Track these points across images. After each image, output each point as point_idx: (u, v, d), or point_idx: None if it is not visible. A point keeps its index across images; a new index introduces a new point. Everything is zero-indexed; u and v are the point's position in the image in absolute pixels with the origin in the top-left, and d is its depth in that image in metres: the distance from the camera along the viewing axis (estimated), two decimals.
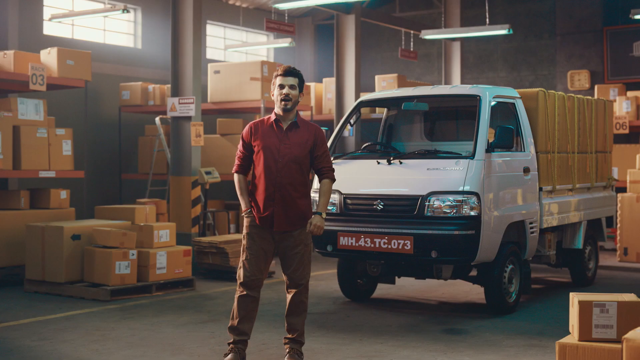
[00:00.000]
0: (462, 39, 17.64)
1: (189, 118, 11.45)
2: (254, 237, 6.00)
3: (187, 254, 9.95)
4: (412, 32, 17.61)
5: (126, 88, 14.49)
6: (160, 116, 13.52)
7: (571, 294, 4.86)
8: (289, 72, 5.96)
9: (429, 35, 14.64)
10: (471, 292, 9.65)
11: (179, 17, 11.50)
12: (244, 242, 6.05)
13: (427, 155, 8.29)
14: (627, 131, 14.37)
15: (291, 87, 5.95)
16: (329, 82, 15.95)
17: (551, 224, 9.10)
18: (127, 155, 15.11)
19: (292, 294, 6.03)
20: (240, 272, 6.02)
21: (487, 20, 14.59)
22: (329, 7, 14.12)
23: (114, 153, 14.91)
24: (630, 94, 14.95)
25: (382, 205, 8.07)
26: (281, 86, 5.96)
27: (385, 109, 10.07)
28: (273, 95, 6.08)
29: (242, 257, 6.04)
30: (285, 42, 15.15)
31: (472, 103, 8.67)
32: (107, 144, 14.91)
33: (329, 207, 8.40)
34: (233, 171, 6.17)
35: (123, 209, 10.30)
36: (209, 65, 13.58)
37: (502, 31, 13.84)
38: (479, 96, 8.31)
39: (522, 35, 18.52)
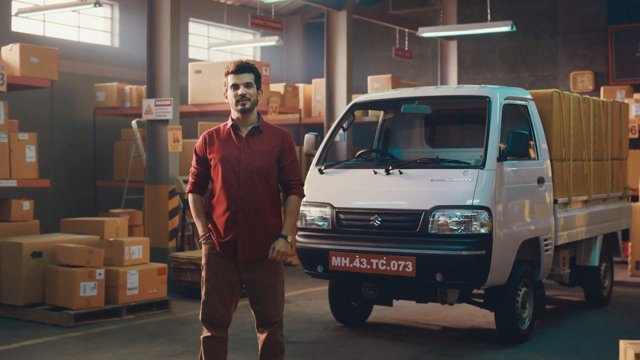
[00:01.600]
0: (459, 39, 16.73)
1: (166, 121, 10.48)
2: (214, 267, 5.04)
3: (162, 272, 8.98)
4: (406, 30, 16.68)
5: (101, 89, 13.49)
6: (137, 119, 12.52)
7: (622, 343, 3.91)
8: (242, 67, 5.00)
9: (427, 32, 13.69)
10: (477, 314, 8.70)
11: (156, 11, 10.54)
12: (202, 273, 5.10)
13: (431, 165, 7.35)
14: (636, 135, 13.49)
15: (247, 85, 4.99)
16: (319, 83, 15.02)
17: (566, 240, 8.18)
18: (103, 161, 14.10)
19: (264, 335, 5.03)
20: (201, 309, 5.07)
21: (489, 16, 13.65)
22: (319, 3, 13.17)
23: (88, 159, 13.90)
24: (637, 96, 14.06)
25: (379, 221, 7.12)
26: (235, 86, 5.00)
27: (382, 112, 9.10)
28: (226, 97, 5.11)
29: (202, 291, 5.08)
30: (272, 41, 14.18)
31: (480, 105, 7.75)
32: (80, 149, 13.90)
33: (319, 223, 7.46)
34: (186, 191, 5.23)
35: (91, 222, 9.30)
36: (190, 64, 12.61)
37: (504, 28, 12.91)
38: (489, 97, 7.38)
39: (522, 35, 17.63)
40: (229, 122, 5.09)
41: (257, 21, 12.69)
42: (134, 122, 12.49)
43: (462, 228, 6.81)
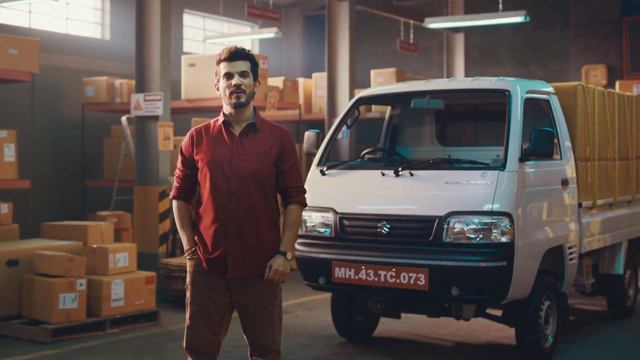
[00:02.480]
0: (466, 31, 16.00)
1: (156, 118, 9.74)
2: (200, 286, 4.33)
3: (150, 281, 8.28)
4: (411, 22, 15.94)
5: (90, 84, 12.75)
6: (127, 115, 11.78)
7: None
8: (237, 54, 4.27)
9: (434, 23, 12.93)
10: (492, 327, 7.99)
11: (144, 2, 9.79)
12: (187, 293, 4.39)
13: (445, 166, 6.63)
14: None
15: (242, 74, 4.27)
16: (320, 78, 14.29)
17: (591, 247, 7.47)
18: (92, 160, 13.37)
19: None
20: (185, 335, 4.37)
21: (501, 5, 12.90)
22: None
23: (76, 157, 13.17)
24: None
25: (388, 228, 6.41)
26: (228, 75, 4.27)
27: (389, 108, 8.37)
28: (218, 88, 4.39)
29: (187, 315, 4.37)
30: (270, 33, 13.44)
31: (498, 100, 7.05)
32: (68, 147, 13.17)
33: (321, 230, 6.75)
34: (170, 197, 4.51)
35: (73, 227, 8.60)
36: (183, 57, 11.88)
37: (517, 18, 12.15)
38: (509, 91, 6.66)
39: (531, 27, 16.90)
40: (220, 118, 4.38)
41: (255, 11, 11.96)
42: (124, 119, 11.76)
43: (481, 236, 6.10)
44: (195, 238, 4.37)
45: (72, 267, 7.66)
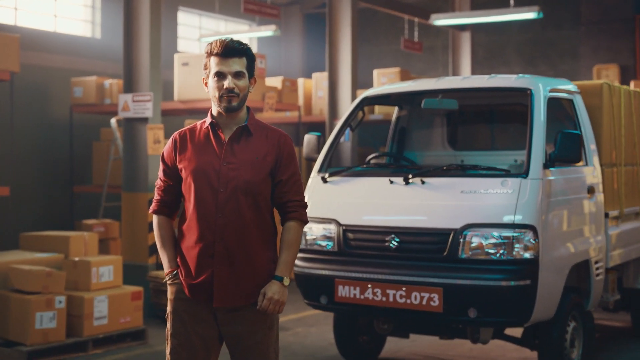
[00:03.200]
0: (472, 30, 15.36)
1: (145, 119, 9.09)
2: (182, 317, 3.69)
3: (137, 296, 7.63)
4: (416, 19, 15.28)
5: (78, 84, 12.09)
6: (117, 117, 11.12)
7: None
8: (232, 49, 3.60)
9: (440, 20, 12.27)
10: (508, 346, 7.33)
11: None
12: (167, 324, 3.77)
13: (460, 172, 5.98)
14: None
15: (236, 75, 3.61)
16: (320, 78, 13.63)
17: (618, 262, 6.84)
18: (81, 164, 12.70)
19: None
20: None
21: (512, 1, 12.23)
22: None
23: (64, 161, 12.51)
24: None
25: (397, 242, 5.77)
26: (220, 74, 3.61)
27: (396, 108, 7.72)
28: (206, 84, 3.73)
29: (167, 349, 3.74)
30: (269, 30, 12.80)
31: (518, 99, 6.44)
32: (56, 151, 12.51)
33: (322, 244, 6.10)
34: (150, 211, 3.86)
35: (54, 238, 7.94)
36: (176, 55, 11.23)
37: (530, 14, 11.51)
38: (531, 90, 6.02)
39: (540, 25, 16.25)
40: (208, 120, 3.72)
41: (252, 7, 11.30)
42: (113, 121, 11.11)
43: (501, 252, 5.46)
44: (178, 259, 3.74)
45: (51, 283, 7.02)
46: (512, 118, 7.41)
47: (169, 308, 3.76)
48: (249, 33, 13.88)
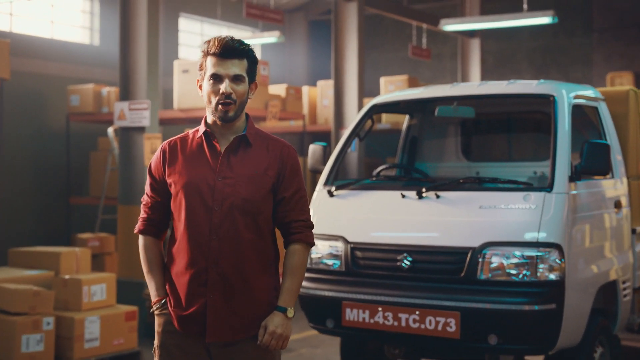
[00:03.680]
0: (481, 36, 14.93)
1: (142, 129, 8.65)
2: (171, 352, 3.27)
3: (131, 316, 7.19)
4: (424, 26, 14.85)
5: (75, 92, 11.67)
6: (114, 126, 10.70)
7: None
8: (232, 50, 3.16)
9: (450, 25, 11.83)
10: None
11: None
12: (155, 359, 3.33)
13: (479, 186, 5.53)
14: None
15: (235, 79, 3.17)
16: (326, 86, 13.20)
17: None
18: (77, 175, 12.28)
19: None
20: None
21: (525, 5, 11.80)
22: None
23: (60, 172, 12.09)
24: None
25: (409, 261, 5.31)
26: (216, 77, 3.17)
27: (407, 117, 7.27)
28: (201, 87, 3.29)
29: None
30: (272, 37, 12.40)
31: (538, 107, 6.00)
32: (52, 161, 12.09)
33: (328, 262, 5.65)
34: (136, 231, 3.42)
35: (44, 254, 7.51)
36: (175, 62, 10.81)
37: (544, 19, 11.06)
38: (554, 96, 5.57)
39: (551, 32, 15.83)
40: (201, 128, 3.29)
41: (254, 11, 10.88)
42: (110, 130, 10.69)
43: (524, 273, 5.01)
44: (167, 287, 3.29)
45: (38, 303, 6.57)
46: (531, 127, 6.97)
47: (156, 342, 3.34)
48: (252, 39, 13.46)
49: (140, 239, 3.38)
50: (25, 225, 11.58)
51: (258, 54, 16.61)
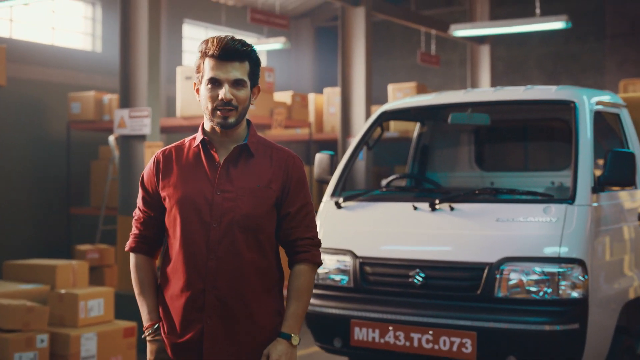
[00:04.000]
0: (491, 43, 14.63)
1: (142, 137, 8.37)
2: None
3: (130, 333, 6.89)
4: (433, 31, 14.56)
5: (76, 99, 11.41)
6: (115, 134, 10.42)
7: None
8: (232, 51, 2.85)
9: (460, 31, 11.53)
10: None
11: (130, 3, 8.45)
12: None
13: (495, 197, 5.22)
14: None
15: (235, 83, 2.87)
16: (332, 93, 12.92)
17: None
18: (78, 185, 12.01)
19: None
20: None
21: (538, 10, 11.50)
22: None
23: (61, 181, 11.82)
24: None
25: (422, 277, 5.01)
26: (215, 82, 2.87)
27: (418, 124, 6.97)
28: (198, 91, 2.99)
29: None
30: (278, 43, 12.12)
31: (556, 113, 5.70)
32: (52, 170, 11.83)
33: (336, 278, 5.35)
34: (126, 249, 3.12)
35: (39, 267, 7.21)
36: (178, 68, 10.54)
37: (557, 24, 10.77)
38: (575, 102, 5.27)
39: (562, 38, 15.52)
40: (198, 136, 2.99)
41: (259, 16, 10.61)
42: (111, 138, 10.43)
43: (545, 290, 4.71)
44: (160, 310, 3.00)
45: (32, 319, 6.27)
46: (548, 135, 6.68)
47: None
48: (257, 45, 13.19)
49: (132, 258, 3.10)
50: (24, 236, 11.32)
51: (263, 61, 16.32)
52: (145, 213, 3.06)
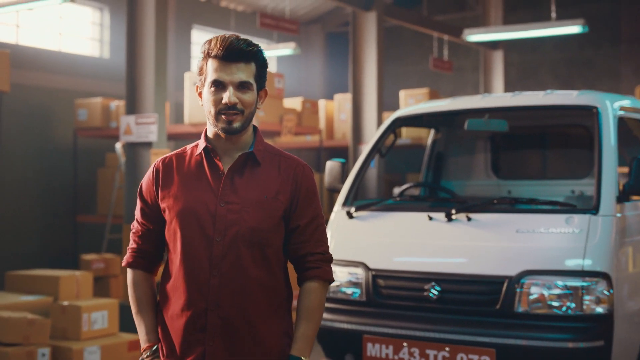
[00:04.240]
0: (504, 48, 14.40)
1: (148, 144, 8.18)
2: None
3: (135, 346, 6.70)
4: (445, 37, 14.35)
5: (83, 106, 11.25)
6: (122, 142, 10.23)
7: None
8: (237, 52, 2.63)
9: (474, 35, 11.30)
10: None
11: (137, 8, 8.26)
12: None
13: (514, 207, 4.99)
14: None
15: (240, 86, 2.65)
16: (343, 100, 12.71)
17: None
18: (85, 192, 11.83)
19: None
20: None
21: (554, 14, 11.26)
22: (343, 1, 10.88)
23: (67, 189, 11.65)
24: None
25: (438, 290, 4.78)
26: (218, 84, 2.65)
27: (432, 131, 6.75)
28: (200, 95, 2.76)
29: None
30: (288, 48, 11.93)
31: (577, 119, 5.48)
32: (59, 178, 11.66)
33: (348, 291, 5.12)
34: (123, 264, 2.90)
35: (42, 278, 7.04)
36: (186, 74, 10.35)
37: (573, 28, 10.53)
38: (597, 108, 5.04)
39: (577, 44, 15.27)
40: (201, 143, 2.77)
41: (268, 21, 10.41)
42: (118, 145, 10.23)
43: (568, 305, 4.47)
44: (159, 331, 2.78)
45: (33, 333, 6.09)
46: (568, 141, 6.45)
47: None
48: (267, 51, 12.99)
49: (129, 274, 2.88)
50: (30, 244, 11.15)
51: (273, 67, 16.13)
52: (143, 226, 2.84)
